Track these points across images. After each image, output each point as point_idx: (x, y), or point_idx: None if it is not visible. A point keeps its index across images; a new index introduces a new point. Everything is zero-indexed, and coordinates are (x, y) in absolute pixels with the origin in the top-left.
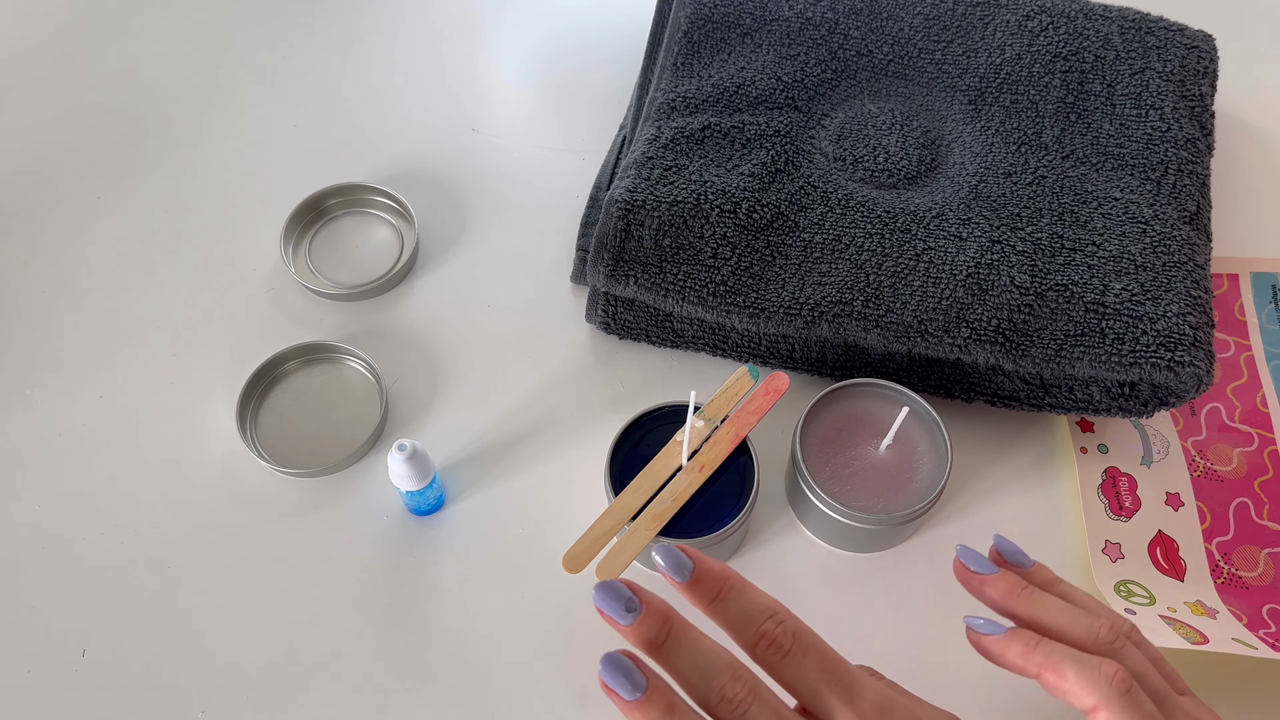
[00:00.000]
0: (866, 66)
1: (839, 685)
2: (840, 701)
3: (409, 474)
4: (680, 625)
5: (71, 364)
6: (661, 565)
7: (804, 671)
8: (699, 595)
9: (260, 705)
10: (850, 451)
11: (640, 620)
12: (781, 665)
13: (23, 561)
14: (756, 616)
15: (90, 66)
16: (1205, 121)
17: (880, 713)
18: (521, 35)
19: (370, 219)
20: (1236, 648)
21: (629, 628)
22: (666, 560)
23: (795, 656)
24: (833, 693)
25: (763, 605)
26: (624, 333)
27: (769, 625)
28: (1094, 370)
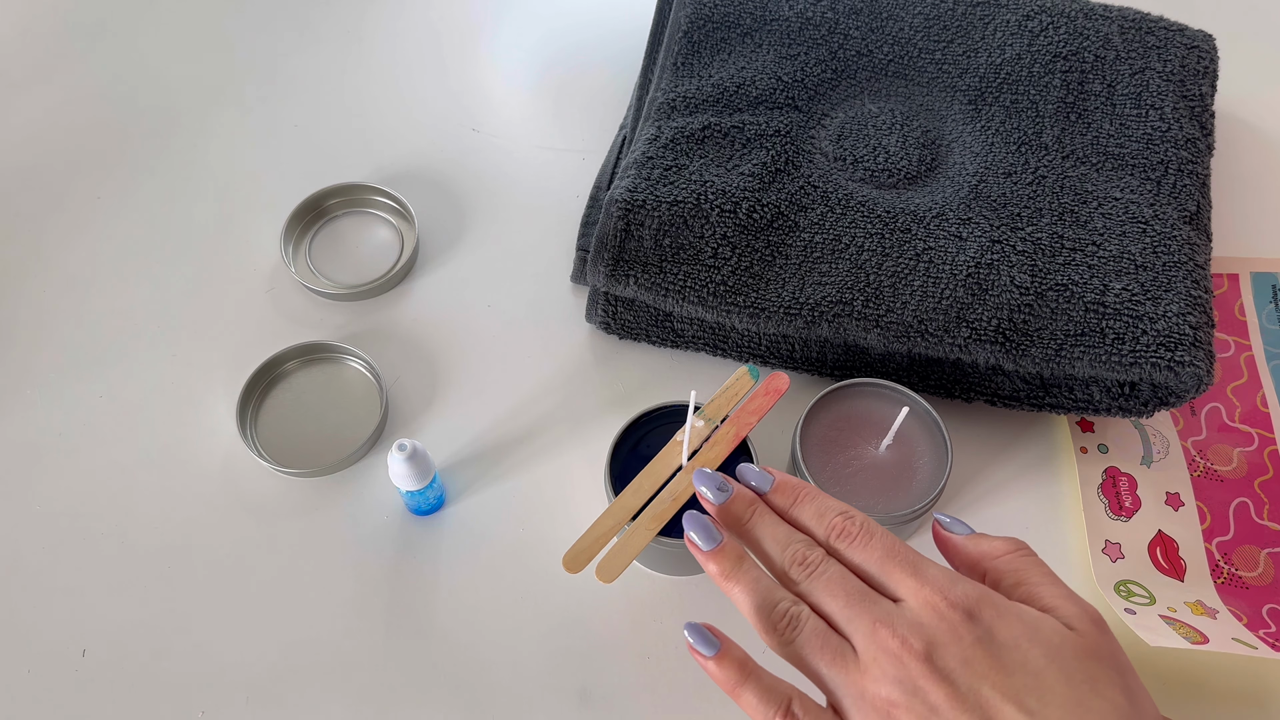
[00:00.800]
0: (867, 66)
1: (903, 563)
2: (904, 575)
3: (409, 474)
4: (764, 510)
5: (72, 364)
6: (746, 481)
7: (869, 554)
8: (779, 502)
9: (260, 706)
10: (850, 451)
11: (731, 500)
12: (850, 551)
13: (23, 561)
14: (827, 514)
15: (90, 66)
16: (1205, 121)
17: (950, 582)
18: (521, 35)
19: (370, 219)
20: (1236, 648)
21: (719, 506)
22: (748, 476)
23: (862, 541)
24: (897, 568)
25: (834, 505)
26: (624, 333)
27: (838, 520)
28: (1094, 370)
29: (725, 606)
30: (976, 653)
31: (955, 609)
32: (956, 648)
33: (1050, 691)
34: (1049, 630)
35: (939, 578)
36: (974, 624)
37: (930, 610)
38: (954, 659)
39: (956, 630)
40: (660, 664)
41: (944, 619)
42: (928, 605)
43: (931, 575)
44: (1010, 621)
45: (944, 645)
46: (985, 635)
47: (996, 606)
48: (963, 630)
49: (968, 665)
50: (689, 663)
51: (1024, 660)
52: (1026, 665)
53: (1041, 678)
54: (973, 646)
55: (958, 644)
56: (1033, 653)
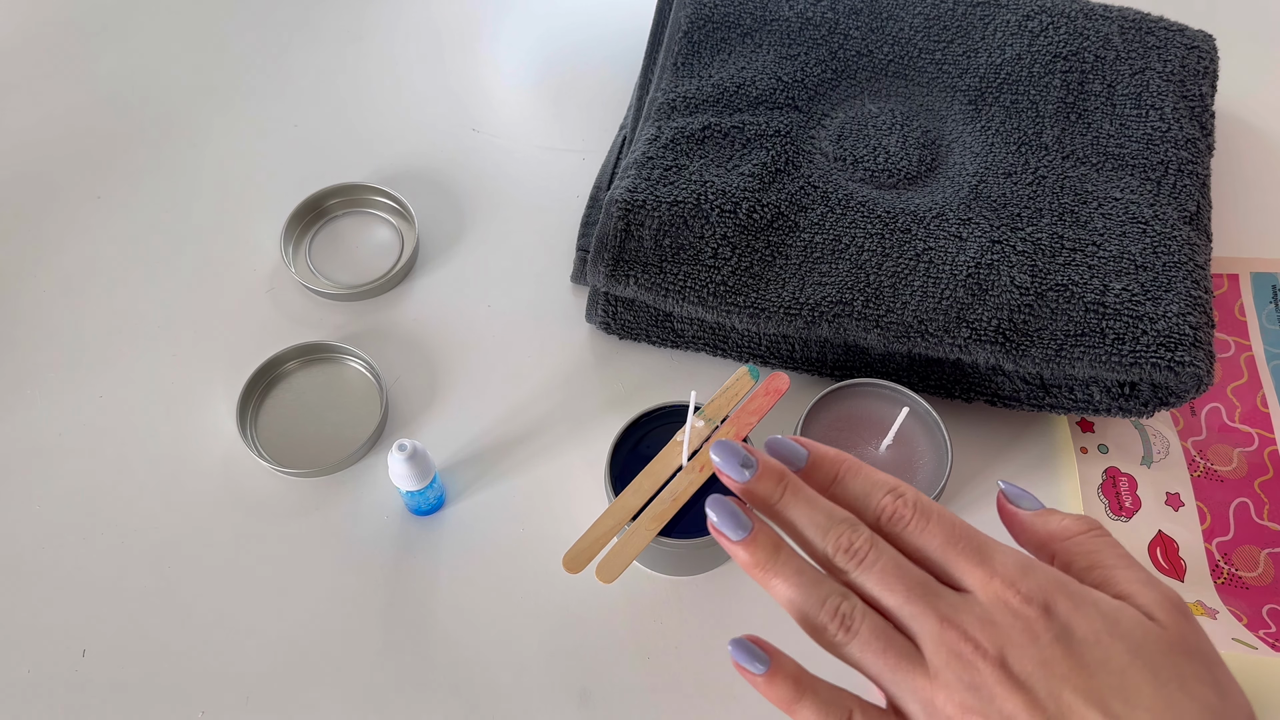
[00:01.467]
0: (867, 66)
1: (967, 548)
2: (970, 564)
3: (409, 474)
4: (796, 484)
5: (71, 364)
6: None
7: (928, 539)
8: (817, 480)
9: (260, 706)
10: (851, 451)
11: (756, 477)
12: (905, 535)
13: (23, 561)
14: (874, 493)
15: (90, 66)
16: (1205, 121)
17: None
18: (521, 35)
19: (370, 219)
20: (1236, 648)
21: (744, 485)
22: (780, 451)
23: (918, 524)
24: (961, 556)
25: (881, 481)
26: (624, 333)
27: (887, 500)
28: (1094, 370)
29: (732, 607)
30: (1055, 653)
31: (1030, 603)
32: (1034, 648)
33: (1136, 692)
34: (1130, 623)
35: (1009, 566)
36: (1050, 620)
37: (1001, 605)
38: (1031, 661)
39: (1032, 628)
40: (660, 664)
41: (1018, 615)
42: (998, 599)
43: (1000, 563)
44: (1088, 613)
45: (1019, 646)
46: (1063, 632)
47: (1073, 597)
48: (1039, 628)
49: (1046, 667)
50: (689, 663)
51: (1106, 658)
52: (1109, 664)
53: (1126, 677)
54: (1051, 646)
55: (1034, 644)
56: (1115, 649)
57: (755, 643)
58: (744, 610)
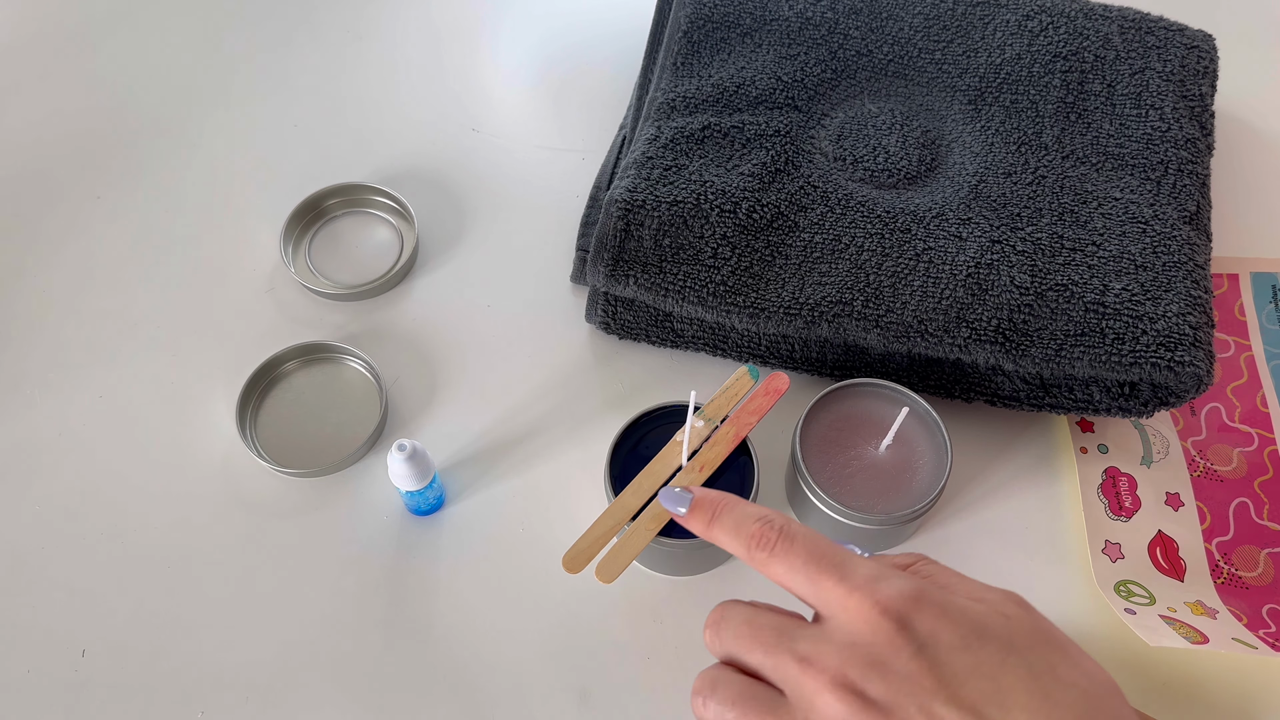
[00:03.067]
0: (866, 66)
1: (828, 565)
2: (831, 580)
3: (409, 474)
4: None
5: (71, 364)
6: (665, 506)
7: (792, 558)
8: (697, 520)
9: (260, 705)
10: (850, 451)
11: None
12: (771, 562)
13: (23, 561)
14: (746, 523)
15: (90, 66)
16: (1205, 121)
17: (879, 582)
18: (521, 35)
19: (370, 219)
20: (1236, 648)
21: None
22: (668, 500)
23: (783, 546)
24: (822, 572)
25: (752, 512)
26: (624, 333)
27: (757, 527)
28: (1094, 370)
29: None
30: (917, 667)
31: (887, 615)
32: (897, 664)
33: (1010, 694)
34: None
35: (868, 578)
36: (911, 632)
37: (862, 623)
38: (895, 680)
39: (893, 643)
40: (660, 664)
41: (877, 631)
42: (858, 617)
43: (860, 576)
44: (954, 619)
45: (880, 666)
46: (926, 643)
47: (936, 604)
48: (899, 642)
49: (910, 683)
50: (689, 663)
51: (977, 663)
52: (981, 668)
53: (999, 681)
54: (912, 660)
55: (896, 659)
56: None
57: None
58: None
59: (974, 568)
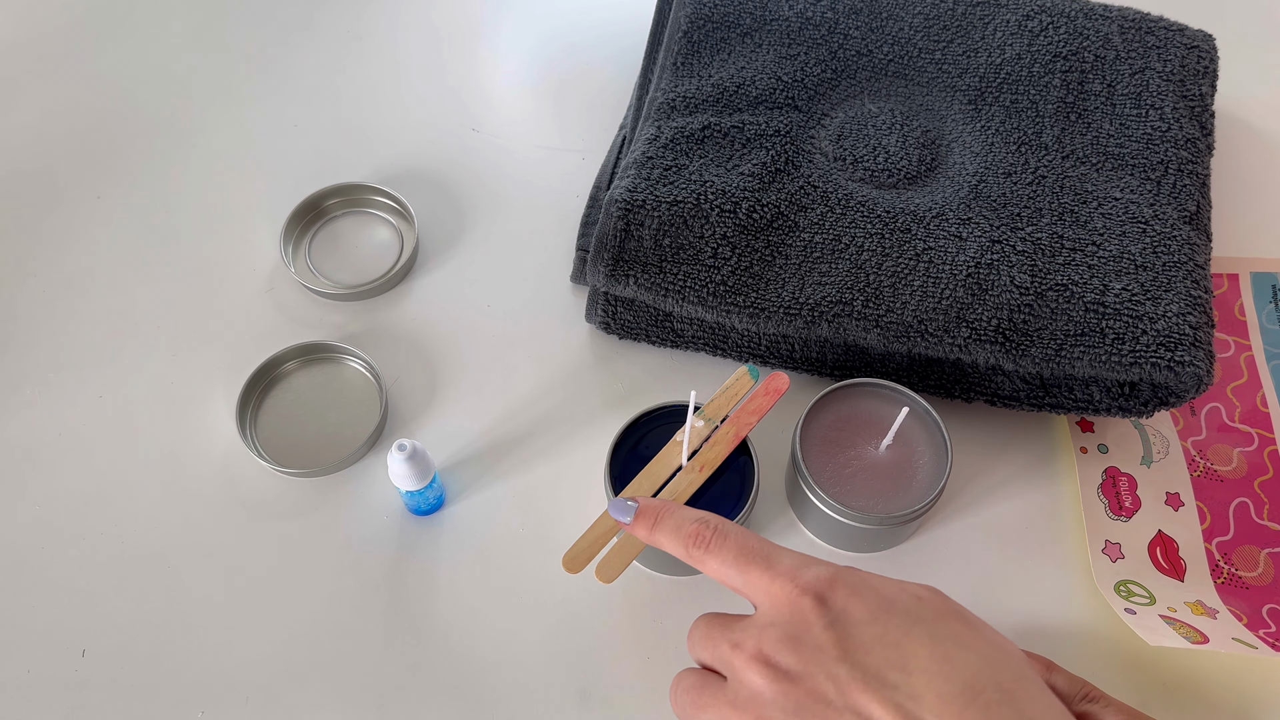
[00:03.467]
0: (866, 66)
1: (756, 557)
2: (758, 569)
3: (409, 474)
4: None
5: (71, 364)
6: (612, 516)
7: (725, 554)
8: (640, 527)
9: (260, 706)
10: (850, 451)
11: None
12: (707, 558)
13: (23, 561)
14: (685, 524)
15: (90, 66)
16: (1205, 121)
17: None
18: (521, 35)
19: (370, 219)
20: (1236, 648)
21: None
22: (615, 510)
23: (717, 542)
24: (752, 564)
25: (691, 514)
26: (624, 333)
27: (695, 526)
28: (1094, 370)
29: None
30: (827, 638)
31: (806, 594)
32: (808, 637)
33: (913, 659)
34: (906, 600)
35: (791, 565)
36: (825, 608)
37: (783, 604)
38: (806, 650)
39: (807, 619)
40: (660, 664)
41: (795, 609)
42: (779, 599)
43: (784, 565)
44: (866, 597)
45: (794, 639)
46: (838, 617)
47: (850, 584)
48: (813, 617)
49: (820, 653)
50: (689, 663)
51: (883, 633)
52: (885, 638)
53: (902, 647)
54: (824, 632)
55: (808, 632)
56: (891, 624)
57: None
58: (744, 610)
59: (974, 567)
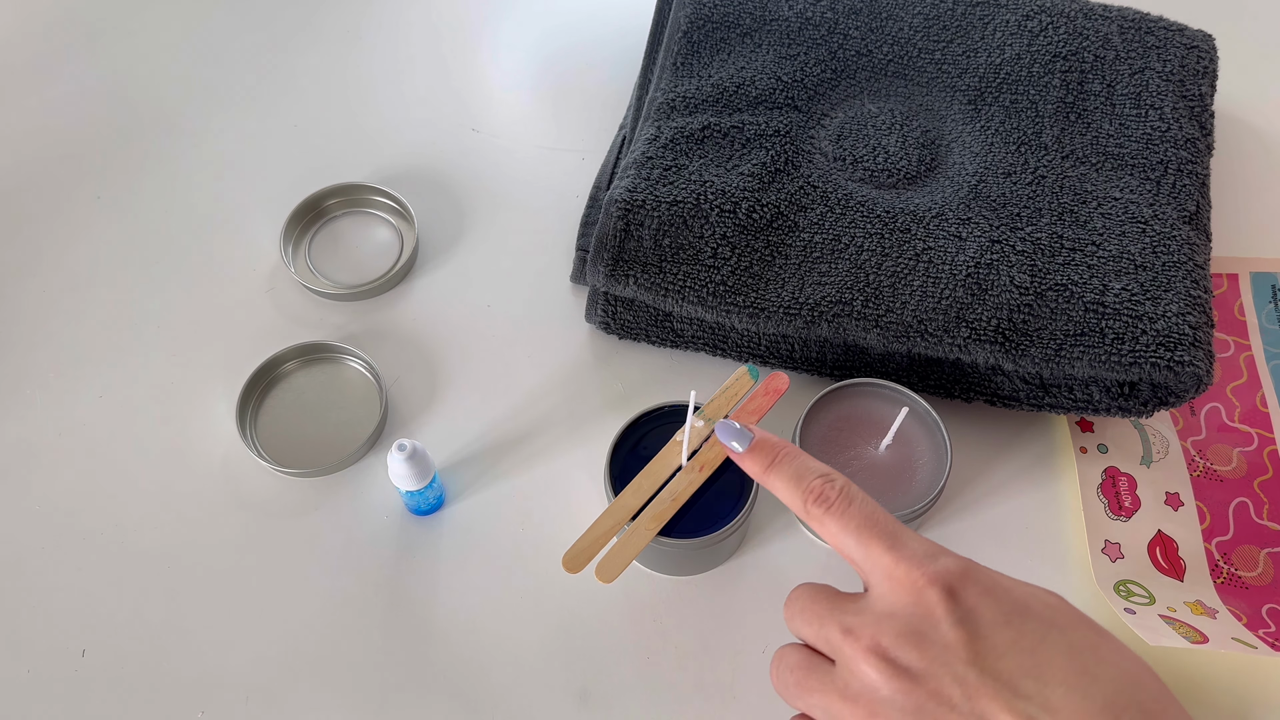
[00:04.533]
0: (866, 66)
1: (881, 533)
2: (882, 547)
3: (409, 474)
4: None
5: (71, 364)
6: (722, 439)
7: (848, 520)
8: (755, 461)
9: (260, 705)
10: (850, 451)
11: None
12: (827, 519)
13: (23, 561)
14: (807, 475)
15: (90, 66)
16: (1205, 121)
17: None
18: (521, 35)
19: (370, 219)
20: (1236, 647)
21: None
22: (726, 434)
23: (840, 506)
24: (875, 539)
25: (815, 467)
26: (624, 333)
27: (818, 482)
28: (1094, 370)
29: (732, 607)
30: (956, 636)
31: (934, 585)
32: (934, 634)
33: (1049, 668)
34: (1041, 604)
35: (918, 550)
36: (954, 603)
37: (906, 592)
38: (931, 648)
39: (933, 613)
40: (660, 664)
41: (920, 601)
42: (902, 586)
43: (911, 547)
44: (998, 597)
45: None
46: (967, 615)
47: (980, 582)
48: (940, 612)
49: (947, 652)
50: (689, 663)
51: (1017, 638)
52: (1020, 643)
53: (1038, 654)
54: (952, 630)
55: (935, 630)
56: (1027, 628)
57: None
58: (743, 610)
59: None
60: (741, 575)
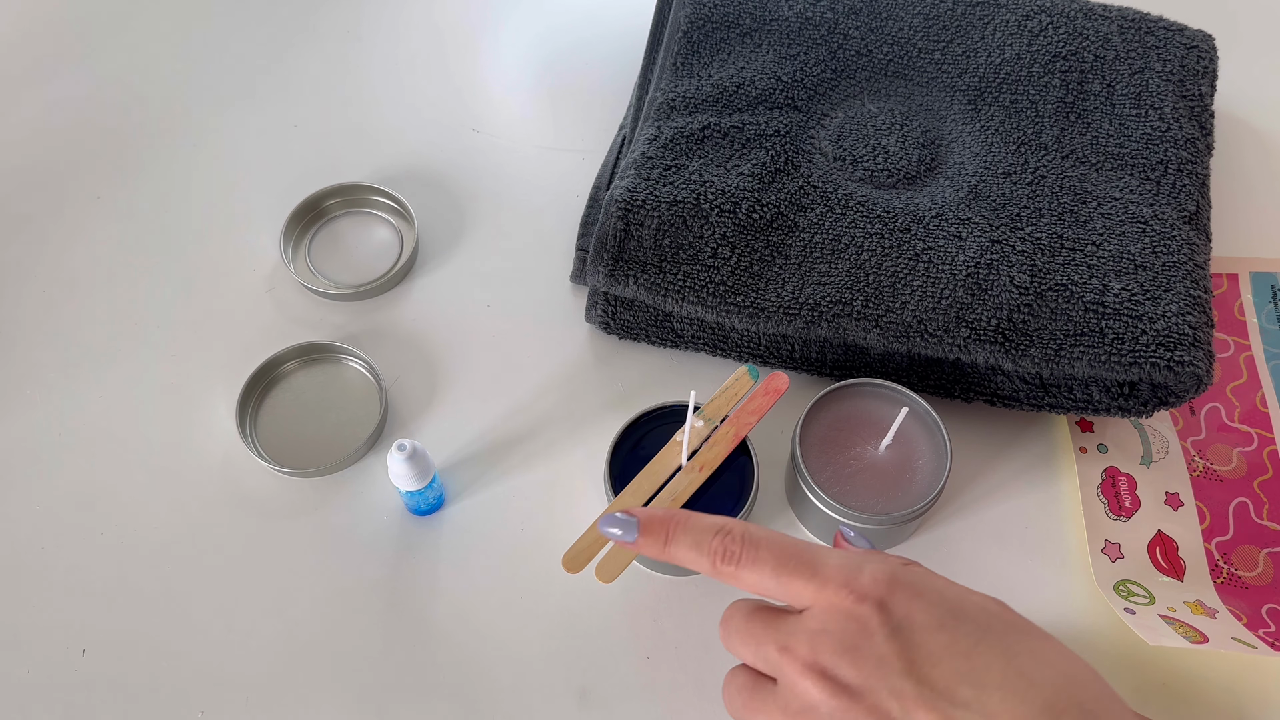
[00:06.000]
0: (866, 66)
1: (798, 566)
2: (802, 580)
3: (409, 474)
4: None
5: (71, 364)
6: (612, 534)
7: (761, 567)
8: (650, 544)
9: (260, 706)
10: (850, 451)
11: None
12: (740, 573)
13: (23, 561)
14: (704, 539)
15: (90, 66)
16: (1205, 121)
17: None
18: (521, 34)
19: (370, 219)
20: (1236, 647)
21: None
22: (612, 527)
23: (748, 556)
24: (794, 576)
25: (708, 526)
26: (624, 333)
27: (716, 541)
28: (1094, 370)
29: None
30: (890, 649)
31: (864, 602)
32: (868, 648)
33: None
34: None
35: (841, 569)
36: (886, 614)
37: (836, 612)
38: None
39: (866, 626)
40: (660, 664)
41: (851, 617)
42: (832, 608)
43: (832, 569)
44: (930, 600)
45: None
46: (901, 624)
47: (910, 586)
48: (873, 625)
49: (883, 666)
50: (689, 663)
51: (950, 643)
52: (955, 647)
53: (974, 660)
54: (886, 642)
55: (869, 643)
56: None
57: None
58: None
59: (973, 567)
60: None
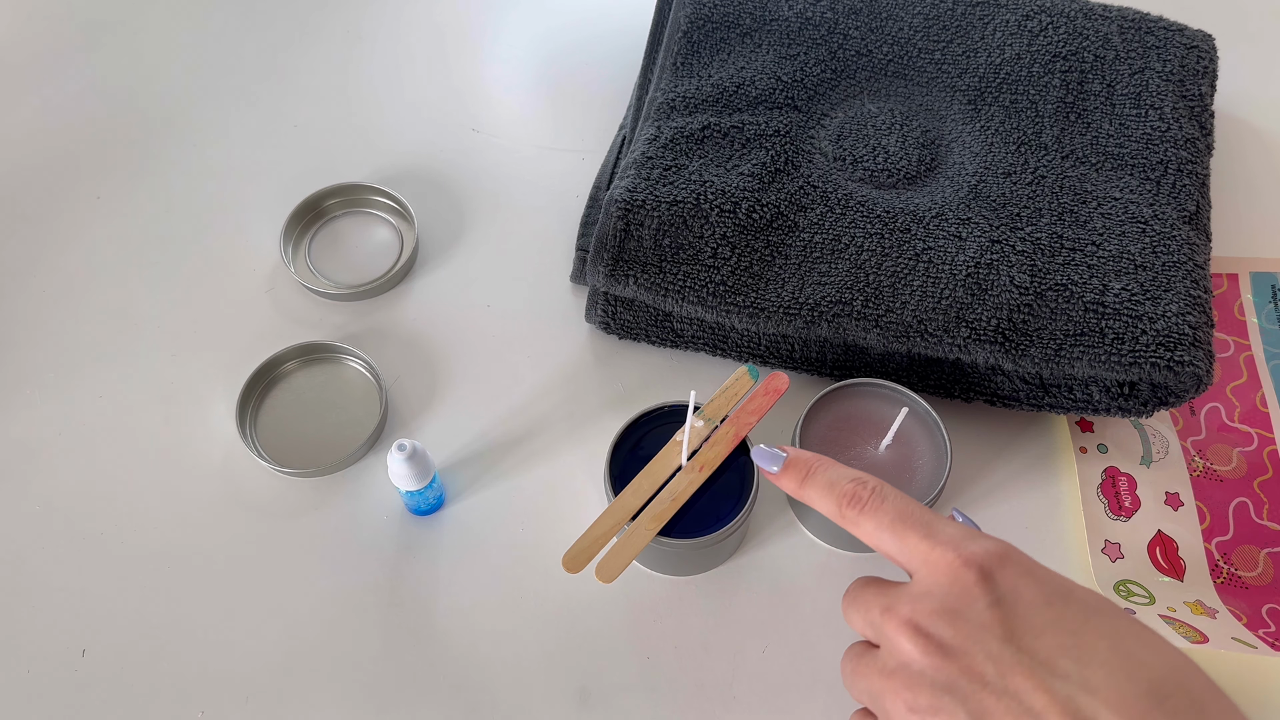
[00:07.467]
0: (866, 66)
1: (916, 524)
2: (917, 536)
3: (409, 474)
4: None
5: (71, 364)
6: (758, 464)
7: (881, 517)
8: (789, 479)
9: (260, 706)
10: (850, 451)
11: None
12: (861, 519)
13: (23, 561)
14: (839, 483)
15: (90, 66)
16: (1205, 121)
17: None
18: (521, 34)
19: (370, 219)
20: (1236, 647)
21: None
22: (761, 458)
23: (874, 503)
24: (910, 529)
25: (846, 473)
26: (624, 333)
27: (850, 485)
28: (1094, 370)
29: (732, 607)
30: (992, 615)
31: (969, 567)
32: (970, 612)
33: (1091, 650)
34: (1082, 591)
35: (954, 535)
36: (990, 584)
37: (942, 574)
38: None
39: (970, 593)
40: (660, 664)
41: (957, 581)
42: (940, 567)
43: (946, 534)
44: (1038, 578)
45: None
46: (1006, 596)
47: (1021, 565)
48: (976, 591)
49: (982, 629)
50: (689, 663)
51: (1058, 619)
52: (1062, 624)
53: (1080, 636)
54: (988, 609)
55: (971, 608)
56: (1069, 611)
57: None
58: (743, 610)
59: None
60: (741, 575)
